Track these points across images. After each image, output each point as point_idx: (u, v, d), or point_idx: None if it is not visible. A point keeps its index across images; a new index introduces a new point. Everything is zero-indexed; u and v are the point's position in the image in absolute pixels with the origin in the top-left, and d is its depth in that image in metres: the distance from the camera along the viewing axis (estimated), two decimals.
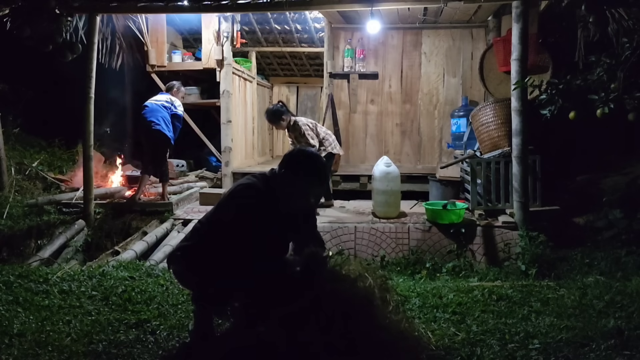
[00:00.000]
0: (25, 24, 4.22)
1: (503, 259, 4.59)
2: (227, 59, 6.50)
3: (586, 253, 4.46)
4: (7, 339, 2.66)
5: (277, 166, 2.56)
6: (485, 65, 5.93)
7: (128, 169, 6.63)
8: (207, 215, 2.60)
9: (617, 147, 5.88)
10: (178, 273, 2.58)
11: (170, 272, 3.19)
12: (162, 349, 2.62)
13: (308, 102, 9.48)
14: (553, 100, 3.21)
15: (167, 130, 5.47)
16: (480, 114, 5.27)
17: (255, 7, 4.96)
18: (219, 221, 2.47)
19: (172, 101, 5.66)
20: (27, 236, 4.98)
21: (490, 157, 5.09)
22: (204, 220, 2.59)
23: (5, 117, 6.30)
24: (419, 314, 3.11)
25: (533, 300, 3.34)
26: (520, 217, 4.60)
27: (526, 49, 4.51)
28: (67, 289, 3.43)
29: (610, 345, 2.54)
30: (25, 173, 6.16)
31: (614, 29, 3.65)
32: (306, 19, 7.54)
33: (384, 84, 6.90)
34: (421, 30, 6.77)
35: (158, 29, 6.84)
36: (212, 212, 2.57)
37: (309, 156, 2.57)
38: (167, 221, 5.21)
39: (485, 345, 2.61)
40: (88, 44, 5.11)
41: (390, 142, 6.93)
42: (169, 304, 3.22)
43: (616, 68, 3.01)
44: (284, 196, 2.49)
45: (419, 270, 4.46)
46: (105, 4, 5.04)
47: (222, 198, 2.58)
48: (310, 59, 8.82)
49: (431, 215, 4.88)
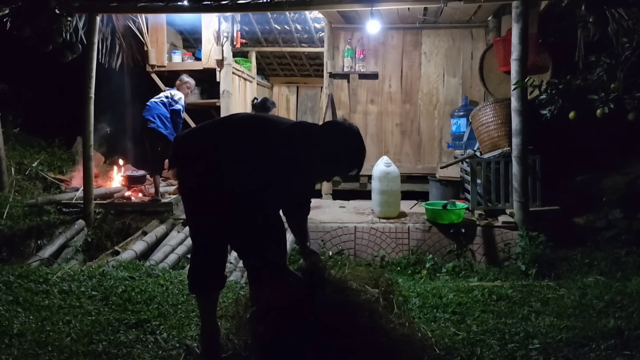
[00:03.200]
0: (25, 24, 4.21)
1: (503, 259, 4.59)
2: (227, 59, 6.50)
3: (586, 253, 4.46)
4: (7, 339, 2.66)
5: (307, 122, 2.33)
6: (485, 65, 5.93)
7: (128, 169, 6.63)
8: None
9: (617, 147, 5.88)
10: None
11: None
12: (162, 349, 2.62)
13: (308, 102, 9.47)
14: (553, 100, 3.21)
15: (162, 128, 5.42)
16: (480, 114, 5.27)
17: (255, 7, 4.96)
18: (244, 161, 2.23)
19: (171, 96, 5.60)
20: (27, 236, 4.98)
21: (490, 157, 5.09)
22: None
23: (5, 117, 6.30)
24: (419, 314, 3.11)
25: (533, 300, 3.34)
26: (520, 217, 4.60)
27: (526, 49, 4.51)
28: (67, 289, 3.43)
29: (610, 345, 2.54)
30: (25, 173, 6.16)
31: (614, 29, 3.64)
32: (306, 19, 7.53)
33: (384, 84, 6.90)
34: (421, 30, 6.77)
35: (158, 29, 6.84)
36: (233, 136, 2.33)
37: (350, 138, 2.23)
38: (167, 221, 5.20)
39: (485, 345, 2.61)
40: (88, 44, 5.11)
41: (390, 142, 6.93)
42: (169, 304, 3.22)
43: (616, 68, 3.01)
44: (306, 166, 2.25)
45: (419, 270, 4.47)
46: (105, 4, 5.04)
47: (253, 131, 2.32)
48: (310, 59, 8.81)
49: (431, 215, 4.88)
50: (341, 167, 2.28)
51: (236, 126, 2.43)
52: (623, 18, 3.56)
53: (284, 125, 2.34)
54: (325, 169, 2.32)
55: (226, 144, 2.33)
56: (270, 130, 2.32)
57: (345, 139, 2.22)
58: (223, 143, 2.34)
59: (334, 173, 2.39)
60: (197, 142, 2.43)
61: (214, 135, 2.42)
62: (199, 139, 2.46)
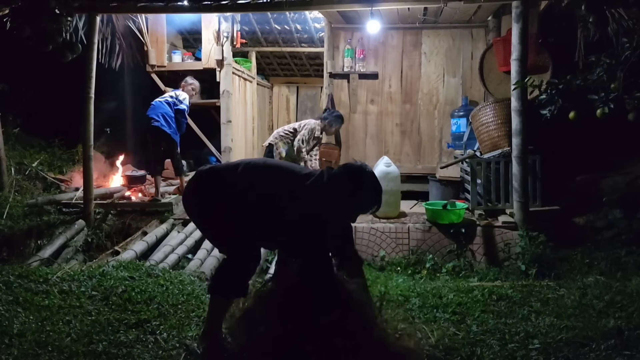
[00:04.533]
0: (25, 24, 4.21)
1: (503, 259, 4.59)
2: (227, 59, 6.50)
3: (586, 253, 4.46)
4: (7, 339, 2.65)
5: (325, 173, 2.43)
6: (485, 65, 5.93)
7: (128, 169, 6.63)
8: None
9: (617, 147, 5.87)
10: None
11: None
12: (162, 349, 2.62)
13: (308, 102, 9.47)
14: (553, 100, 3.21)
15: (167, 127, 5.47)
16: (480, 114, 5.27)
17: (255, 7, 4.96)
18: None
19: (176, 96, 5.67)
20: (27, 236, 4.98)
21: (490, 157, 5.09)
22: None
23: (5, 117, 6.30)
24: (419, 314, 3.11)
25: (533, 300, 3.34)
26: (520, 217, 4.60)
27: (526, 49, 4.51)
28: (67, 289, 3.43)
29: (610, 345, 2.54)
30: (25, 173, 6.16)
31: (614, 29, 3.64)
32: (306, 19, 7.54)
33: (384, 84, 6.90)
34: (421, 30, 6.77)
35: (158, 29, 6.84)
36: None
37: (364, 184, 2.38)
38: (167, 221, 5.21)
39: (485, 345, 2.61)
40: (88, 44, 5.11)
41: (390, 142, 6.93)
42: (169, 304, 3.22)
43: (616, 68, 3.01)
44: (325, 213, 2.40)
45: (419, 270, 4.47)
46: (105, 4, 5.03)
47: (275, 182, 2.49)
48: (310, 59, 8.81)
49: (431, 215, 4.88)
50: (363, 206, 2.41)
51: (267, 171, 2.58)
52: (623, 18, 3.56)
53: (306, 173, 2.52)
54: (348, 211, 2.45)
55: (262, 185, 2.47)
56: (296, 176, 2.48)
57: (360, 181, 2.36)
58: (260, 185, 2.48)
59: (358, 212, 2.49)
60: (231, 179, 2.53)
61: (249, 176, 2.52)
62: (233, 177, 2.54)
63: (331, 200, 2.35)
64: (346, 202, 2.37)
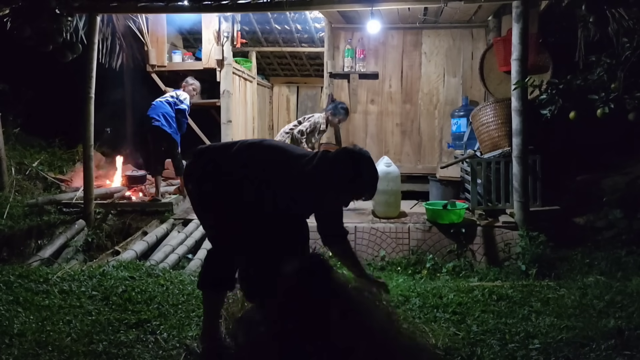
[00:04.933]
0: (26, 24, 4.21)
1: (503, 259, 4.59)
2: (227, 59, 6.50)
3: (586, 253, 4.46)
4: (7, 339, 2.65)
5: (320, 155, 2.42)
6: (485, 65, 5.93)
7: (128, 169, 6.63)
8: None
9: (617, 147, 5.87)
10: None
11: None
12: (163, 349, 2.62)
13: (308, 102, 9.47)
14: (553, 100, 3.21)
15: (167, 127, 5.48)
16: (481, 114, 5.27)
17: (255, 7, 4.96)
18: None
19: (177, 96, 5.68)
20: (27, 236, 4.98)
21: (491, 157, 5.09)
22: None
23: (5, 117, 6.30)
24: (419, 314, 3.11)
25: (533, 300, 3.34)
26: (521, 217, 4.60)
27: (526, 49, 4.51)
28: (67, 289, 3.43)
29: (611, 345, 2.54)
30: (26, 173, 6.17)
31: (614, 29, 3.64)
32: (306, 19, 7.54)
33: (384, 84, 6.90)
34: (421, 30, 6.77)
35: (158, 29, 6.84)
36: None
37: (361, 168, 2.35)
38: (167, 221, 5.21)
39: (486, 345, 2.61)
40: (88, 44, 5.11)
41: (391, 142, 6.93)
42: (169, 304, 3.22)
43: (616, 68, 3.01)
44: (319, 194, 2.39)
45: (419, 270, 4.47)
46: (105, 4, 5.03)
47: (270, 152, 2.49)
48: (310, 59, 8.81)
49: (431, 215, 4.88)
50: (358, 191, 2.40)
51: (262, 151, 2.53)
52: (623, 18, 3.56)
53: (301, 154, 2.49)
54: (341, 193, 2.42)
55: (255, 164, 2.44)
56: (291, 157, 2.45)
57: (357, 164, 2.33)
58: (253, 164, 2.44)
59: (350, 196, 2.47)
60: (225, 159, 2.50)
61: (242, 156, 2.49)
62: (227, 157, 2.51)
63: (326, 182, 2.32)
64: (341, 186, 2.35)
